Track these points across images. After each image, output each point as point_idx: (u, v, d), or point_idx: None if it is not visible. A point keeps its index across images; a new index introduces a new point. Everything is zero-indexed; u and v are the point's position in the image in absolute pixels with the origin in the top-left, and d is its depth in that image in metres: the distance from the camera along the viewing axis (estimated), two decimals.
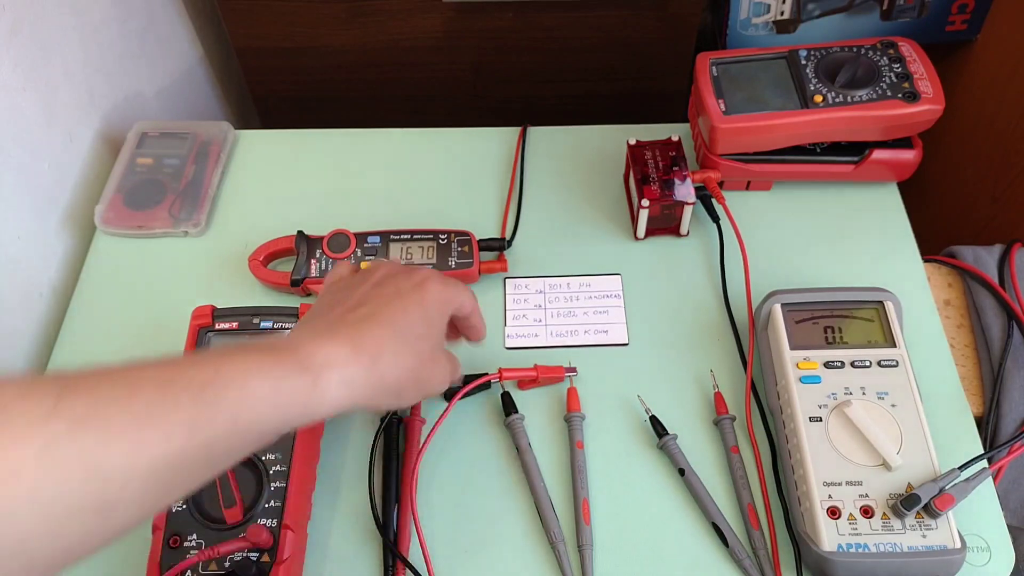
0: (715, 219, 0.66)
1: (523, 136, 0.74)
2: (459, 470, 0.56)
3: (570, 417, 0.56)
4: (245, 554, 0.46)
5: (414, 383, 0.43)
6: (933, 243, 0.69)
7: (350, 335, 0.41)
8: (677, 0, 0.82)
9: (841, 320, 0.55)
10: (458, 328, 0.52)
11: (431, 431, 0.55)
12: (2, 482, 0.28)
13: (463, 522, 0.53)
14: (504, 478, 0.55)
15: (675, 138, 0.66)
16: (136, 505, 0.32)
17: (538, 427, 0.57)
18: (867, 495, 0.48)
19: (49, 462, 0.29)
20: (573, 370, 0.59)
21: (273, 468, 0.49)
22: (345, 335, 0.40)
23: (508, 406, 0.57)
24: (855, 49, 0.65)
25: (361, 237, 0.64)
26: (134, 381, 0.33)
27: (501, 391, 0.58)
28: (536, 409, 0.58)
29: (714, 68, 0.66)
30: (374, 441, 0.55)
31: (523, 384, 0.59)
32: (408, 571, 0.51)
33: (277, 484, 0.49)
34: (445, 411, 0.55)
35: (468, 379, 0.57)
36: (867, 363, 0.53)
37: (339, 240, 0.63)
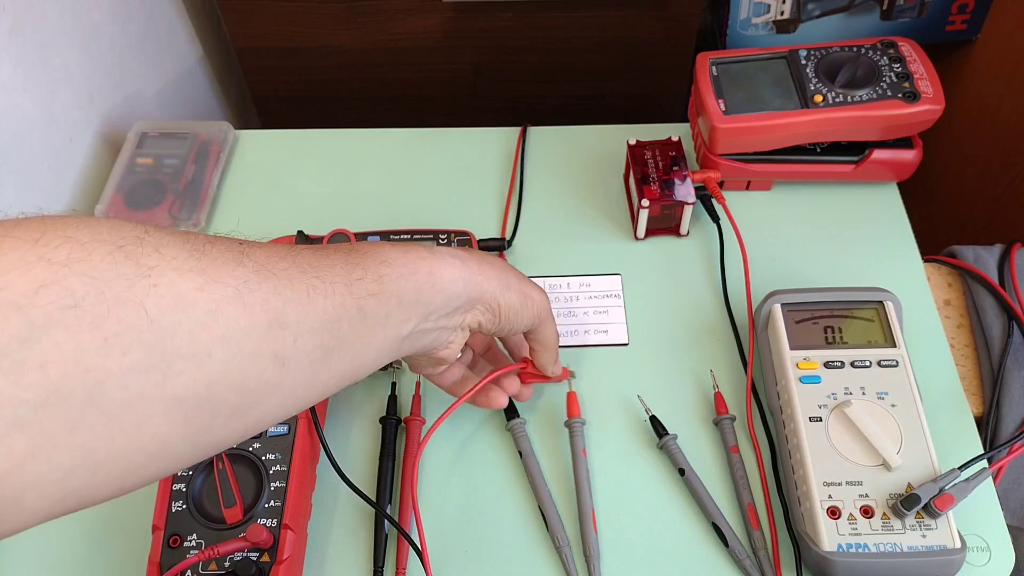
0: (715, 219, 0.66)
1: (523, 136, 0.74)
2: (460, 474, 0.55)
3: (571, 423, 0.56)
4: (245, 554, 0.46)
5: (517, 277, 0.47)
6: (933, 243, 0.69)
7: None
8: (677, 0, 0.82)
9: (841, 320, 0.55)
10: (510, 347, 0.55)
11: (433, 425, 0.55)
12: (203, 318, 0.29)
13: (464, 525, 0.53)
14: (506, 482, 0.55)
15: (675, 138, 0.66)
16: (304, 363, 0.34)
17: (540, 431, 0.57)
18: (867, 495, 0.48)
19: (241, 304, 0.30)
20: (571, 374, 0.57)
21: (273, 468, 0.49)
22: None
23: (510, 410, 0.56)
24: (855, 49, 0.65)
25: (361, 237, 0.64)
26: (288, 248, 0.36)
27: None
28: (538, 412, 0.58)
29: (714, 68, 0.66)
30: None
31: (524, 377, 0.58)
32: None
33: (277, 484, 0.48)
34: (447, 412, 0.55)
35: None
36: (867, 363, 0.53)
37: (339, 240, 0.63)
